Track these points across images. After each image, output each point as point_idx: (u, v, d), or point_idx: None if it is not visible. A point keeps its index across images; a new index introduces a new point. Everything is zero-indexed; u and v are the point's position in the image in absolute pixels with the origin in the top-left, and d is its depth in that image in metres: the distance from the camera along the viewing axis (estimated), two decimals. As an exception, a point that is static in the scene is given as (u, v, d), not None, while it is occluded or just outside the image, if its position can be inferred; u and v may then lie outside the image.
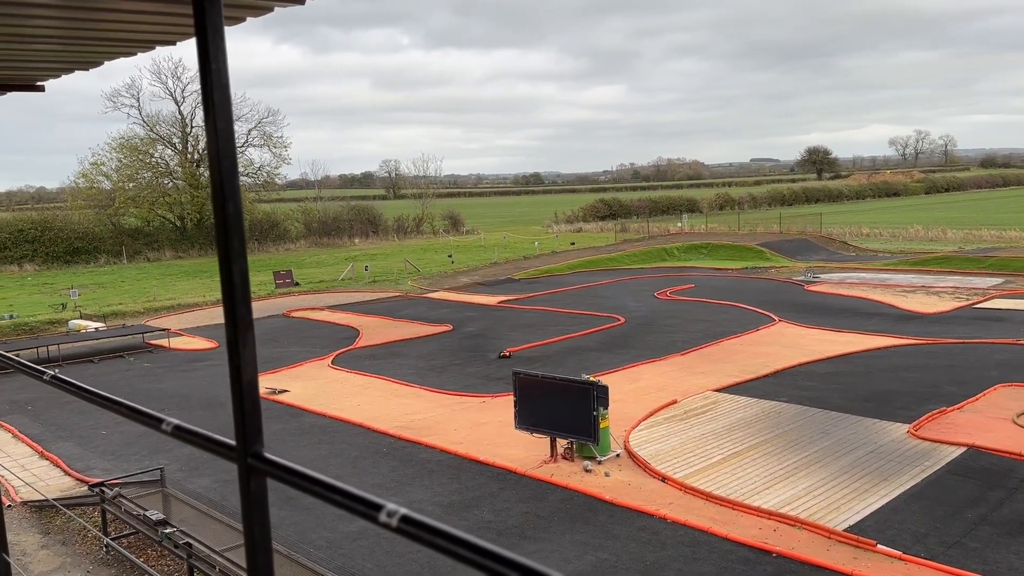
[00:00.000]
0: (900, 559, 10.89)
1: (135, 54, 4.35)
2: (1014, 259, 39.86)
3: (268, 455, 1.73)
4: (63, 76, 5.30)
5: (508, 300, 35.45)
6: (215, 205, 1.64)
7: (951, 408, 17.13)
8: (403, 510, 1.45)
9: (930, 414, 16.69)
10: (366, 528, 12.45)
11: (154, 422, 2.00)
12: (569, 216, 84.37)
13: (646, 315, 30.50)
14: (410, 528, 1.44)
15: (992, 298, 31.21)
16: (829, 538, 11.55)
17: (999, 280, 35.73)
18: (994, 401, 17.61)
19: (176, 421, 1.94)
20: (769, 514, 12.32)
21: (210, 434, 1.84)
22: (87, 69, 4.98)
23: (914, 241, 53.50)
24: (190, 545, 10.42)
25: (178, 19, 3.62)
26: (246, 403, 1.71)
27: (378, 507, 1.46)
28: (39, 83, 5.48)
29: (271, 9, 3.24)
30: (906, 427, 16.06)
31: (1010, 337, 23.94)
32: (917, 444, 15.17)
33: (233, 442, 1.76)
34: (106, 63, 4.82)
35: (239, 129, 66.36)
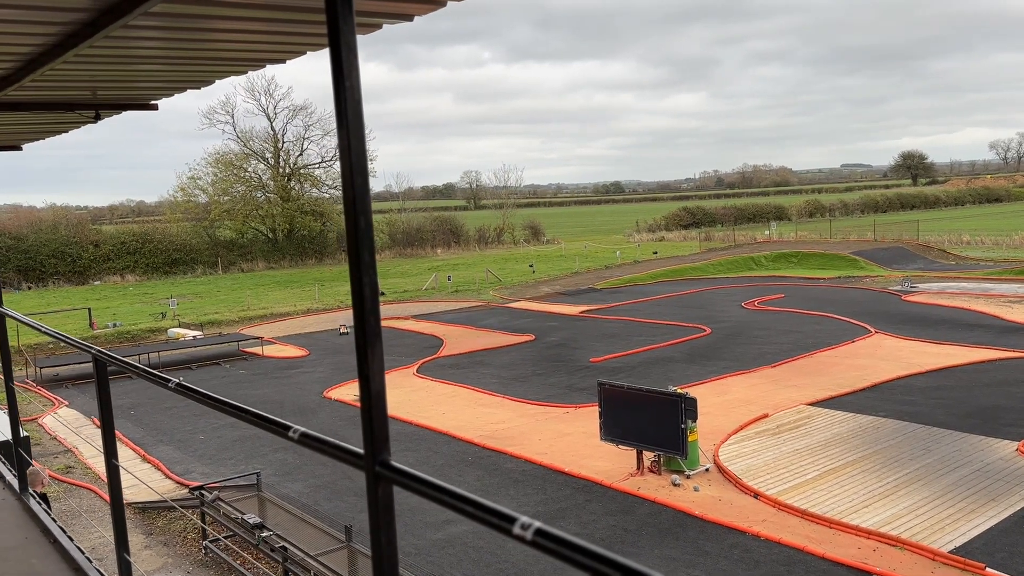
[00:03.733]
0: (1013, 585, 10.29)
1: (245, 72, 4.52)
2: None
3: (395, 463, 1.75)
4: (175, 95, 5.55)
5: (590, 310, 35.27)
6: (347, 219, 1.68)
7: (1066, 426, 16.11)
8: (537, 523, 1.45)
9: (1043, 432, 15.74)
10: (453, 537, 12.55)
11: (281, 429, 2.06)
12: (651, 225, 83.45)
13: (733, 326, 29.83)
14: (545, 541, 1.43)
15: (1109, 309, 29.26)
16: (934, 560, 11.01)
17: (1116, 290, 33.49)
18: (1115, 419, 16.48)
19: (303, 429, 1.98)
20: (869, 533, 11.82)
21: (339, 442, 1.88)
22: (199, 88, 5.20)
23: (1019, 249, 50.70)
24: (286, 549, 10.70)
25: (288, 38, 3.74)
26: (374, 412, 1.74)
27: (512, 520, 1.45)
28: (153, 102, 5.76)
29: (380, 26, 3.32)
30: (1015, 445, 15.19)
31: None
32: (1029, 463, 14.32)
33: (361, 450, 1.79)
34: (216, 82, 5.03)
35: (329, 144, 68.32)
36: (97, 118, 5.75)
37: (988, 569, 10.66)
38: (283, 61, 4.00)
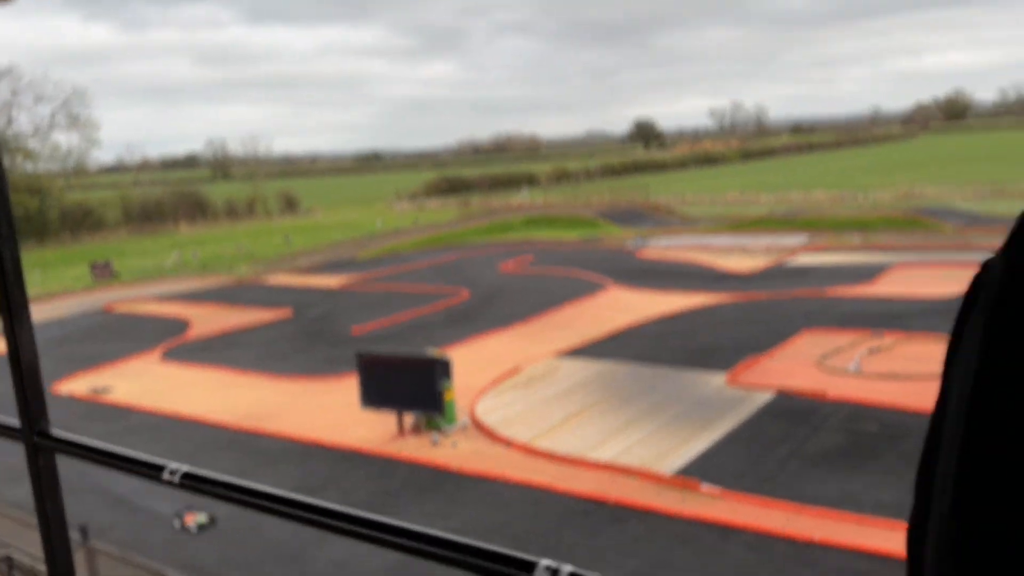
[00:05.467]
0: (722, 496, 11.93)
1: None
2: (818, 218, 43.77)
3: (56, 432, 1.77)
4: None
5: (352, 281, 34.98)
6: (-22, 190, 1.66)
7: (762, 356, 18.75)
8: (185, 467, 1.57)
9: (744, 363, 18.20)
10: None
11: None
12: (412, 193, 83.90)
13: (490, 288, 31.06)
14: (192, 483, 1.55)
15: (799, 254, 34.21)
16: (659, 483, 12.45)
17: (805, 238, 39.17)
18: (799, 348, 19.44)
19: (-45, 409, 1.93)
20: (606, 467, 13.08)
21: (-9, 418, 1.85)
22: None
23: (731, 206, 57.37)
24: (11, 557, 9.76)
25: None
26: (27, 383, 1.75)
27: (160, 468, 1.56)
28: None
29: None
30: (724, 376, 17.43)
31: (815, 288, 26.42)
32: (734, 391, 16.53)
33: (17, 422, 1.79)
34: None
35: (42, 111, 61.03)
36: None
37: (702, 486, 12.26)
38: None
